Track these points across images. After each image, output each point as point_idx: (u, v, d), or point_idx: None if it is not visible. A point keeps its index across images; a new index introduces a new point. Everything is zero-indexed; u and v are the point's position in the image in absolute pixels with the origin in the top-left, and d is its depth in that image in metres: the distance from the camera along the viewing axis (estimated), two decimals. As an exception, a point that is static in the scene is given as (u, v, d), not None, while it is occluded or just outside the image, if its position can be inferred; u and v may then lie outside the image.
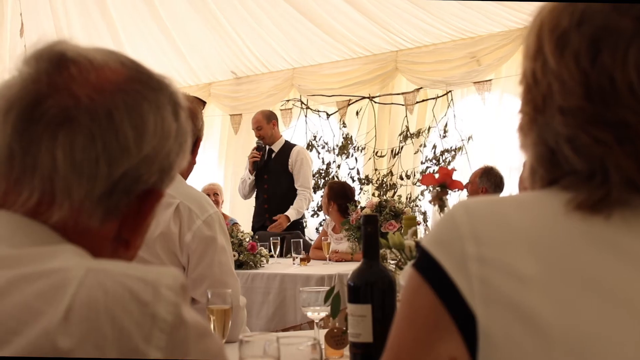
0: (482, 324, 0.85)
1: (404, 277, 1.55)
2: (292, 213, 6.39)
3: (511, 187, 6.59)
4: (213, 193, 6.81)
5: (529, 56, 0.96)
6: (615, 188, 0.86)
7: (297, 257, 5.28)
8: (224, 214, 6.77)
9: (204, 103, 2.61)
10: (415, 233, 1.96)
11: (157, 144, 0.96)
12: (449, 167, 7.17)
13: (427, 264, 0.90)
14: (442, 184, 1.92)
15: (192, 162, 2.62)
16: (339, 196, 5.73)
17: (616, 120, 0.86)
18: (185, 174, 2.58)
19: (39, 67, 0.93)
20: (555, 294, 0.84)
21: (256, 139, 6.54)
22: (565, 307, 0.83)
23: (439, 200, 1.91)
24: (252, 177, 6.50)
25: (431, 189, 5.68)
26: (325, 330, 2.10)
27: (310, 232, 7.08)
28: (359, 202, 5.66)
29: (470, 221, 0.90)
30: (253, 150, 6.52)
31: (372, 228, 1.67)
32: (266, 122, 6.47)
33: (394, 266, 1.93)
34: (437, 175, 1.94)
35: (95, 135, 0.90)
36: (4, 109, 0.92)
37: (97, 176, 0.91)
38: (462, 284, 0.86)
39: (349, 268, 4.81)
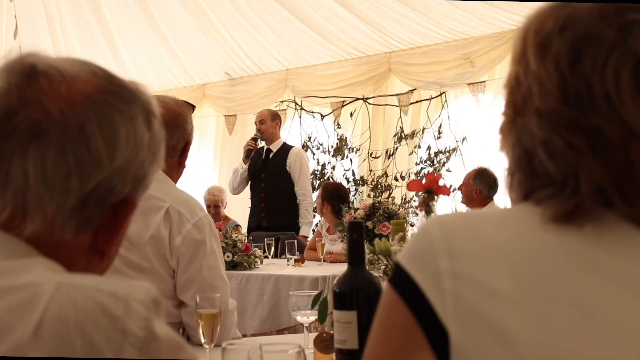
0: (455, 340, 0.85)
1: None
2: (306, 230, 6.45)
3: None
4: (214, 205, 6.76)
5: (514, 60, 0.97)
6: (586, 198, 0.86)
7: (291, 258, 5.28)
8: (226, 216, 6.78)
9: (193, 107, 2.61)
10: (403, 239, 1.96)
11: (130, 155, 0.96)
12: (444, 168, 7.21)
13: (401, 279, 0.90)
14: (429, 190, 1.93)
15: (182, 166, 2.62)
16: (333, 197, 5.73)
17: (591, 126, 0.86)
18: (175, 178, 2.58)
19: (10, 80, 0.93)
20: (528, 309, 0.83)
21: (254, 132, 6.56)
22: (539, 323, 0.83)
23: (426, 206, 1.91)
24: (245, 167, 6.50)
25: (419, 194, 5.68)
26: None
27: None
28: (353, 204, 5.65)
29: (445, 236, 0.89)
30: (249, 140, 6.55)
31: (357, 235, 1.67)
32: (270, 119, 6.49)
33: (381, 272, 1.93)
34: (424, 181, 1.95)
35: (67, 149, 0.90)
36: None
37: (69, 190, 0.91)
38: (435, 300, 0.86)
39: (343, 269, 4.82)
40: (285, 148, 6.55)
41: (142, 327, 0.81)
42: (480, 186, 5.74)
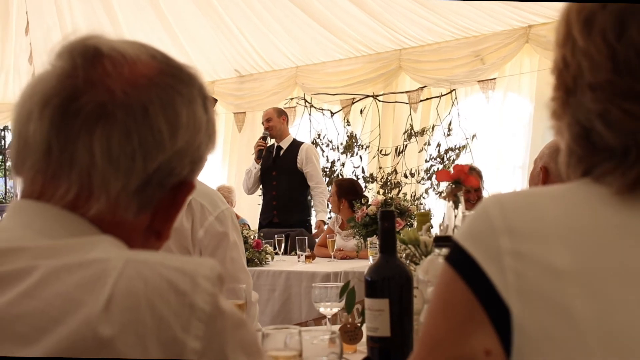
0: (517, 317, 0.85)
1: (425, 271, 1.56)
2: (323, 216, 6.47)
3: (515, 186, 6.61)
4: None
5: (559, 43, 0.97)
6: None
7: (302, 255, 5.29)
8: (236, 215, 6.78)
9: (215, 101, 2.62)
10: (429, 229, 1.97)
11: (190, 137, 0.97)
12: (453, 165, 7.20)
13: (460, 258, 0.90)
14: (457, 180, 1.93)
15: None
16: (349, 192, 5.74)
17: None
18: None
19: (74, 62, 0.94)
20: (590, 286, 0.83)
21: (263, 131, 6.57)
22: (601, 300, 0.83)
23: (454, 197, 1.92)
24: (258, 167, 6.51)
25: (435, 187, 5.68)
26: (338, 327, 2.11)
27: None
28: (366, 199, 5.66)
29: (504, 215, 0.89)
30: (259, 139, 6.57)
31: (389, 223, 1.68)
32: (276, 116, 6.53)
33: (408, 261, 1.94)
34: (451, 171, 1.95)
35: (131, 130, 0.91)
36: (40, 103, 0.92)
37: (133, 170, 0.92)
38: (497, 278, 0.86)
39: (354, 265, 4.85)
40: (296, 144, 6.56)
41: (209, 302, 0.83)
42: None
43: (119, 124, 0.91)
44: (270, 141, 6.55)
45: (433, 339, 0.91)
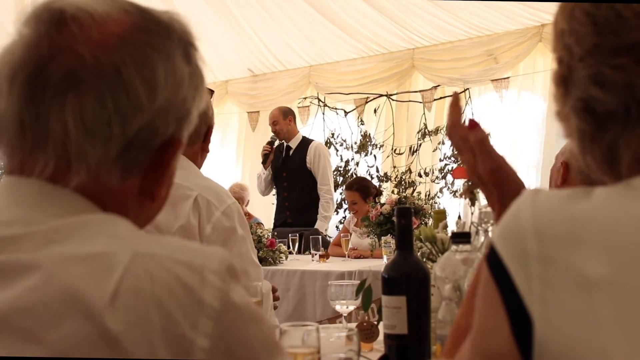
0: (539, 330, 0.80)
1: (442, 268, 1.56)
2: (321, 225, 6.36)
3: (529, 185, 6.57)
4: None
5: (555, 49, 0.98)
6: None
7: (316, 254, 5.29)
8: (249, 214, 6.79)
9: (212, 92, 2.61)
10: (445, 226, 1.97)
11: (170, 94, 0.92)
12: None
13: (493, 258, 0.87)
14: (473, 178, 1.92)
15: (206, 151, 2.61)
16: (364, 189, 5.75)
17: (629, 44, 0.88)
18: (200, 163, 2.58)
19: (39, 29, 0.88)
20: (624, 301, 0.77)
21: (272, 135, 6.57)
22: (636, 319, 0.76)
23: (470, 194, 1.91)
24: (266, 172, 6.51)
25: (450, 186, 5.64)
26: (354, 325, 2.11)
27: (330, 229, 7.07)
28: (379, 199, 5.64)
29: (535, 214, 0.85)
30: (265, 144, 6.57)
31: (406, 220, 1.68)
32: (282, 118, 6.47)
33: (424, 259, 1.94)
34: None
35: (105, 95, 0.86)
36: (9, 77, 0.88)
37: (111, 137, 0.87)
38: (522, 284, 0.82)
39: (368, 264, 4.84)
40: (305, 143, 6.53)
41: (218, 297, 0.81)
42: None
43: (90, 91, 0.86)
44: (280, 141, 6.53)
45: (476, 333, 0.90)
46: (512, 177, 1.27)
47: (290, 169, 6.46)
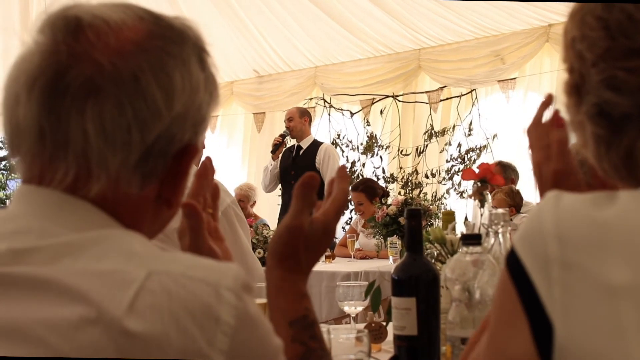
0: (560, 336, 0.79)
1: (452, 269, 1.55)
2: None
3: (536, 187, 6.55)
4: (238, 200, 6.78)
5: (565, 58, 0.98)
6: None
7: (322, 255, 5.28)
8: (255, 215, 6.78)
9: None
10: (454, 228, 1.96)
11: (187, 100, 0.92)
12: (474, 166, 7.17)
13: (512, 261, 0.85)
14: (483, 179, 1.92)
15: (202, 146, 2.61)
16: (370, 190, 5.74)
17: None
18: (196, 161, 2.56)
19: (56, 37, 0.88)
20: None
21: (284, 129, 6.57)
22: None
23: (479, 195, 1.91)
24: (275, 164, 6.51)
25: (457, 187, 5.64)
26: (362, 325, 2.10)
27: (336, 230, 7.08)
28: (385, 200, 5.63)
29: (557, 217, 0.83)
30: (277, 136, 6.60)
31: (416, 222, 1.67)
32: (298, 116, 6.55)
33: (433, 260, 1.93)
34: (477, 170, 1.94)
35: (124, 102, 0.87)
36: (27, 85, 0.88)
37: (131, 144, 0.88)
38: (543, 288, 0.81)
39: (374, 265, 4.85)
40: (315, 145, 6.57)
41: (233, 315, 0.81)
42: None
43: (109, 98, 0.86)
44: (291, 141, 6.55)
45: (491, 334, 0.89)
46: (573, 185, 1.23)
47: (299, 168, 6.46)
